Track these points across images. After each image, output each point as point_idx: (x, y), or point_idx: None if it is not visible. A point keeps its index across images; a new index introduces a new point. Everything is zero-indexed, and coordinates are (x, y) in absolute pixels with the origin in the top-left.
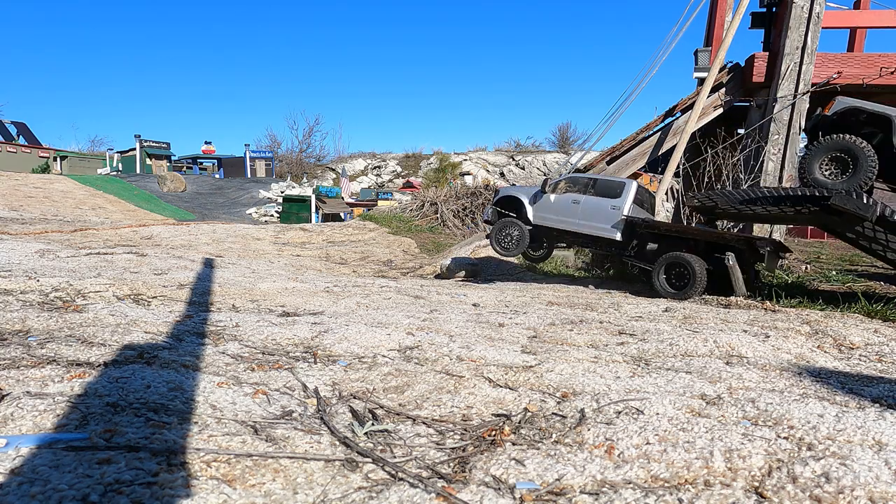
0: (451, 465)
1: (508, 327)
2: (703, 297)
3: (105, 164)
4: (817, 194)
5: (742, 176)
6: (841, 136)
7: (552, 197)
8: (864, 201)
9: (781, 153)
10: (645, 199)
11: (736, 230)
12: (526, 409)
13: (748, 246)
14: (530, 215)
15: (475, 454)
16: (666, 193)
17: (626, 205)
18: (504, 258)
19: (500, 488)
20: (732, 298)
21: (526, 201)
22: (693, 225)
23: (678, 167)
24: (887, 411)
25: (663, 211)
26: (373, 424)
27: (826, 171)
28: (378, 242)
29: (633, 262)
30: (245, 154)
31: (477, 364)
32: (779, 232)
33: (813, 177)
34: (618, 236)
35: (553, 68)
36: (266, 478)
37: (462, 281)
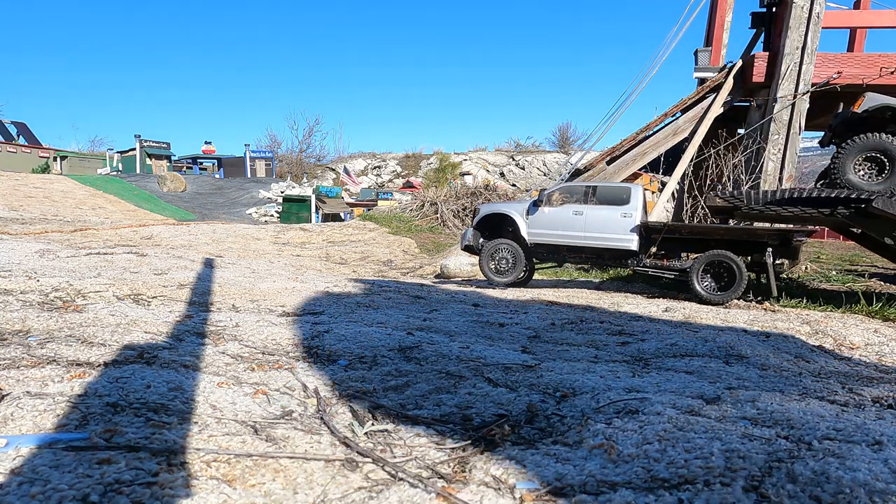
0: (451, 465)
1: (508, 327)
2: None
3: (105, 164)
4: (853, 196)
5: (743, 177)
6: (876, 134)
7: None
8: None
9: (781, 153)
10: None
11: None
12: (526, 409)
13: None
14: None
15: (475, 454)
16: (672, 194)
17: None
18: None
19: (500, 488)
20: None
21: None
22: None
23: (684, 171)
24: (887, 411)
25: (664, 212)
26: (373, 424)
27: (860, 171)
28: (378, 242)
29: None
30: (245, 154)
31: (477, 364)
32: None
33: (846, 177)
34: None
35: (553, 68)
36: (266, 478)
37: (462, 281)
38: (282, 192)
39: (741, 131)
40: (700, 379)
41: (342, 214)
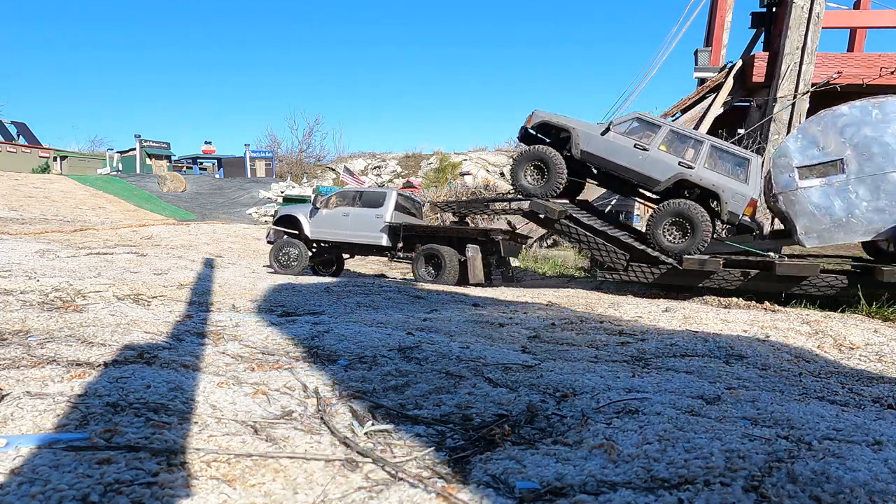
0: (451, 465)
1: (508, 327)
2: (703, 297)
3: (105, 164)
4: (519, 198)
5: None
6: (536, 146)
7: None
8: (550, 204)
9: None
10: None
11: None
12: (526, 409)
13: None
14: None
15: (475, 454)
16: None
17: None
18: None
19: (499, 488)
20: (732, 299)
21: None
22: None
23: None
24: (887, 411)
25: None
26: (373, 424)
27: (529, 177)
28: None
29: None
30: (245, 154)
31: (477, 364)
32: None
33: (519, 183)
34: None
35: (553, 68)
36: (266, 478)
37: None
38: (282, 192)
39: (741, 131)
40: (700, 379)
41: None
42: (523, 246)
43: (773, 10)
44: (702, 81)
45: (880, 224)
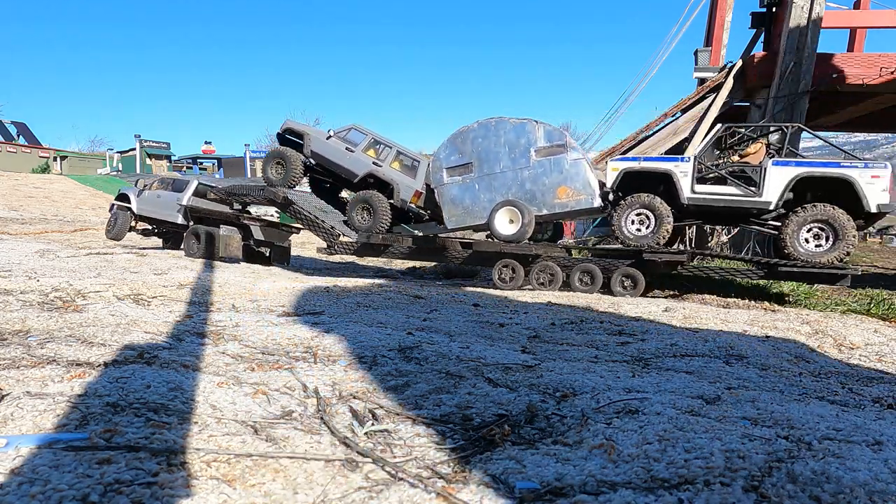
0: (451, 465)
1: (508, 327)
2: (703, 297)
3: (105, 164)
4: (262, 188)
5: None
6: (278, 146)
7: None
8: (275, 191)
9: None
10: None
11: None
12: (526, 409)
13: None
14: None
15: (475, 454)
16: None
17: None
18: None
19: (500, 488)
20: (731, 299)
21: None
22: None
23: None
24: (887, 411)
25: None
26: (373, 424)
27: (274, 171)
28: None
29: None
30: (245, 154)
31: (477, 364)
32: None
33: (266, 176)
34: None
35: (553, 68)
36: (266, 478)
37: (461, 281)
38: None
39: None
40: (700, 379)
41: None
42: (290, 233)
43: (773, 10)
44: (702, 81)
45: (491, 211)
